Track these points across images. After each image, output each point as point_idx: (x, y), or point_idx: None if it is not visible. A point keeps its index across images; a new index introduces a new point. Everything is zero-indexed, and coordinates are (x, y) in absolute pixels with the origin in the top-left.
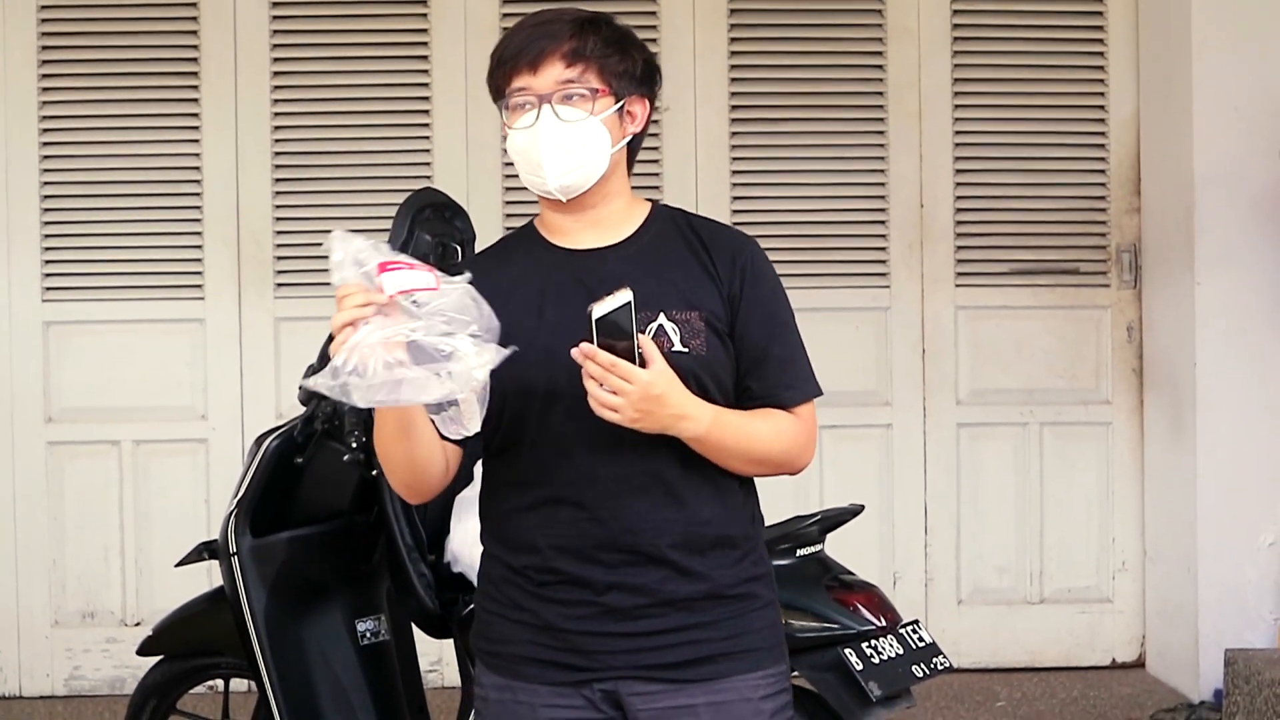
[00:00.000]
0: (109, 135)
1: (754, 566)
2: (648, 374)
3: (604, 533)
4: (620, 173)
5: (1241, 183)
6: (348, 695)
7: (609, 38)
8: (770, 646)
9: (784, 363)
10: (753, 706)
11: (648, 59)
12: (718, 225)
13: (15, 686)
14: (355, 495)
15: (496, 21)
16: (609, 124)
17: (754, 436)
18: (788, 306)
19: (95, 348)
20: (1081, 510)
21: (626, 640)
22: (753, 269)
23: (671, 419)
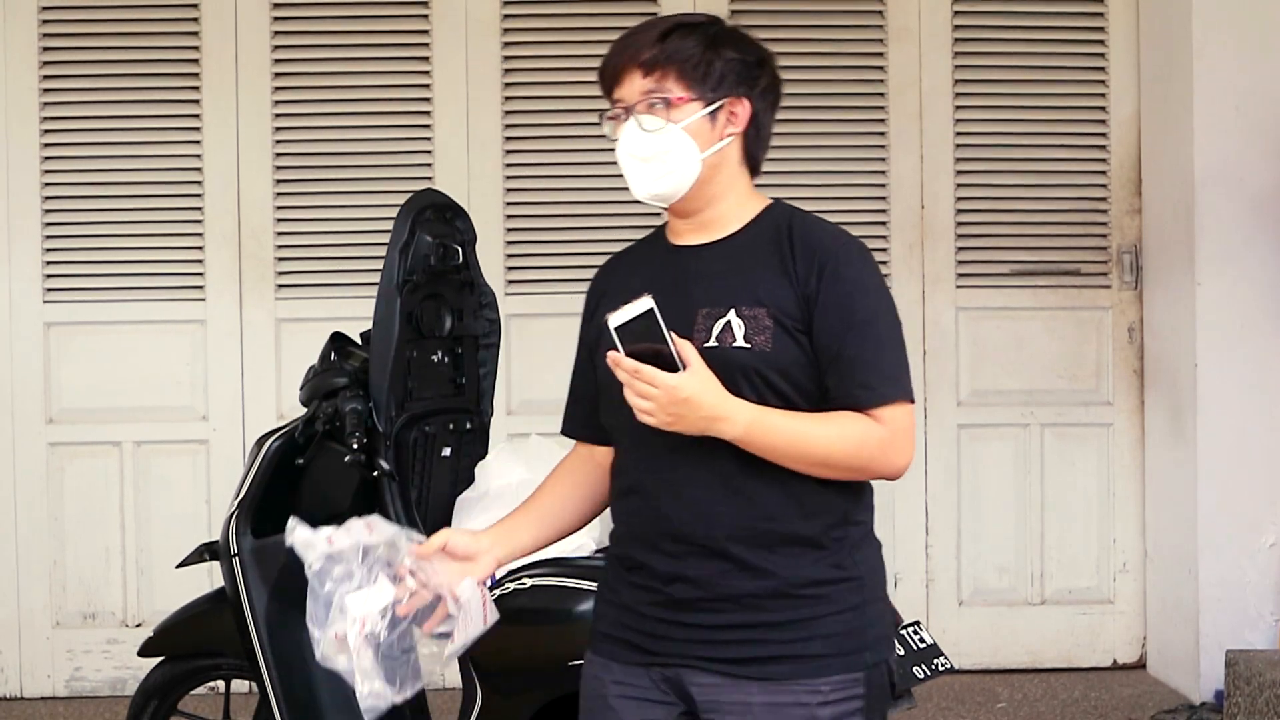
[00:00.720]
0: (110, 136)
1: (836, 570)
2: (673, 378)
3: (667, 523)
4: (723, 175)
5: (1242, 183)
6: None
7: (695, 41)
8: (840, 654)
9: (859, 363)
10: (808, 713)
11: (747, 57)
12: (817, 226)
13: (16, 687)
14: (356, 496)
15: (497, 22)
16: (695, 129)
17: (806, 439)
18: (875, 304)
19: (96, 348)
20: (1082, 511)
21: (689, 630)
22: (832, 269)
23: (706, 421)
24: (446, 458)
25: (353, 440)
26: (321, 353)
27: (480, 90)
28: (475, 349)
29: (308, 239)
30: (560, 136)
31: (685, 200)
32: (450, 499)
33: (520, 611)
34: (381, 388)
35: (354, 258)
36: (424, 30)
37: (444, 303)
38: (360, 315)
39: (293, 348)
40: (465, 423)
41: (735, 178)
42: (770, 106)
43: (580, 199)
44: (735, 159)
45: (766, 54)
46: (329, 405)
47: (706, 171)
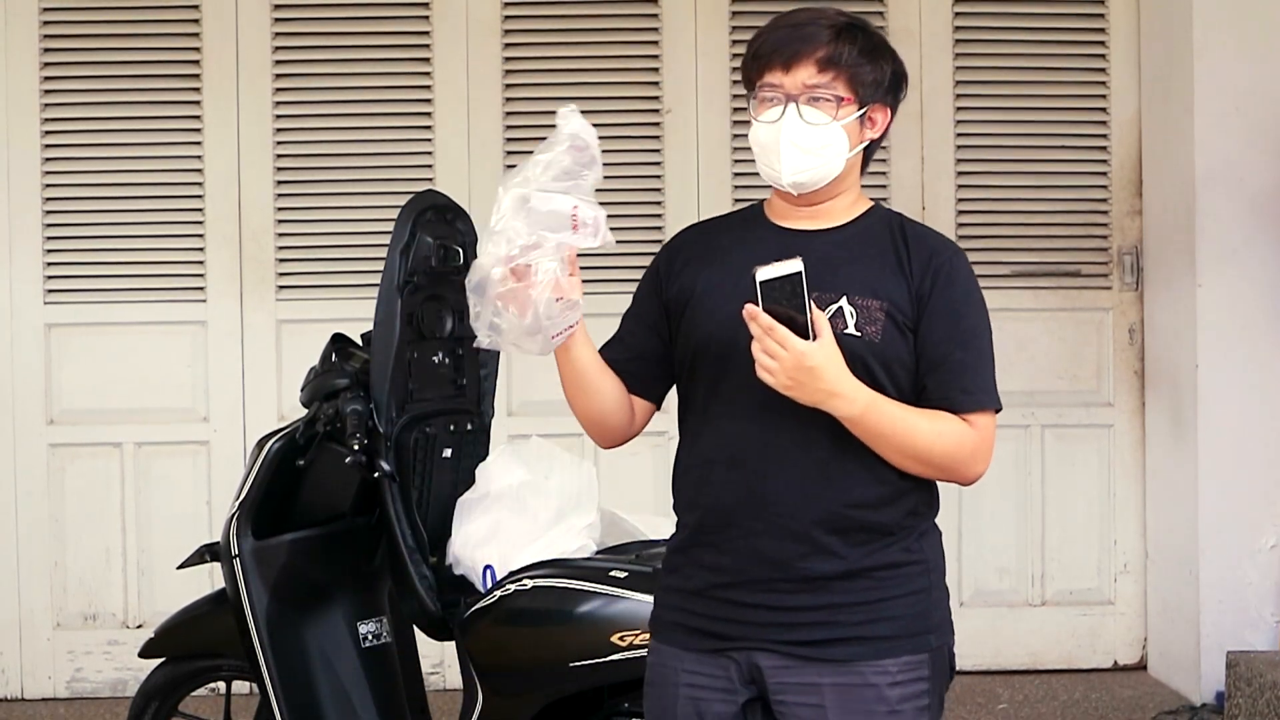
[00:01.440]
0: (111, 137)
1: (905, 553)
2: (805, 345)
3: (750, 497)
4: (853, 175)
5: (1243, 184)
6: (349, 697)
7: (864, 47)
8: (910, 634)
9: (964, 367)
10: (877, 693)
11: (897, 69)
12: (927, 230)
13: (17, 689)
14: (357, 497)
15: (498, 23)
16: (850, 129)
17: (913, 431)
18: (980, 315)
19: (97, 349)
20: (1083, 512)
21: (759, 612)
22: (947, 271)
23: (824, 394)
24: (447, 459)
25: (353, 441)
26: (322, 354)
27: (481, 91)
28: (476, 350)
29: (309, 240)
30: None
31: (819, 192)
32: (451, 500)
33: (521, 612)
34: (382, 389)
35: (355, 259)
36: (425, 31)
37: (445, 304)
38: (361, 316)
39: (293, 349)
40: (466, 424)
41: (856, 178)
42: (901, 96)
43: None
44: (857, 160)
45: (904, 65)
46: (330, 406)
47: (847, 168)
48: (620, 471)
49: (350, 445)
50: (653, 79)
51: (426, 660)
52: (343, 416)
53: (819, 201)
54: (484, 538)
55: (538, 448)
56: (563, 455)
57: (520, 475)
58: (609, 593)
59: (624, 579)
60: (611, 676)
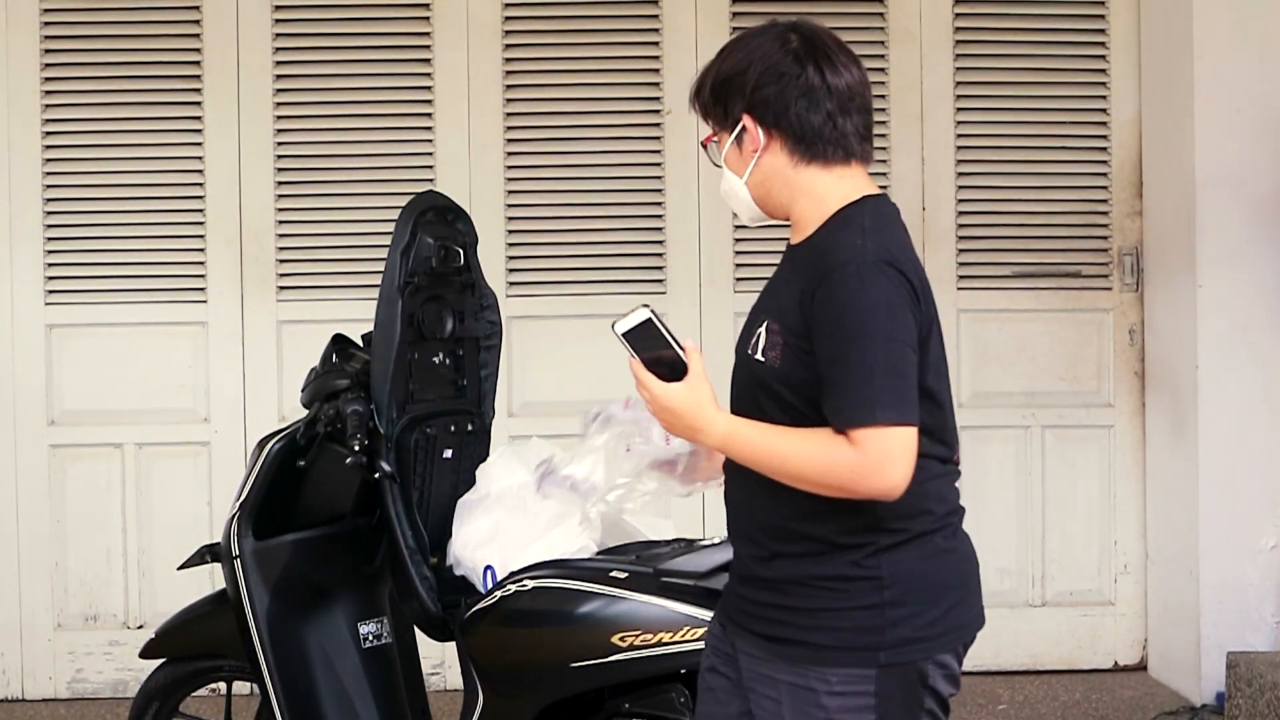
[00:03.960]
0: (111, 138)
1: (854, 568)
2: (659, 388)
3: (729, 503)
4: (778, 184)
5: (1243, 185)
6: (350, 698)
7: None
8: (849, 649)
9: (835, 385)
10: (816, 699)
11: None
12: (836, 241)
13: (18, 689)
14: (358, 498)
15: (499, 24)
16: (731, 160)
17: (777, 454)
18: (856, 326)
19: (97, 350)
20: (1083, 513)
21: (742, 601)
22: (822, 290)
23: (688, 430)
24: (448, 459)
25: (354, 442)
26: (323, 355)
27: (481, 92)
28: (476, 351)
29: (309, 241)
30: (561, 139)
31: (768, 215)
32: (451, 501)
33: (522, 613)
34: (383, 390)
35: (355, 260)
36: (425, 33)
37: (445, 305)
38: (362, 317)
39: (294, 350)
40: (466, 425)
41: (793, 180)
42: (781, 99)
43: (581, 201)
44: (784, 164)
45: (755, 54)
46: (330, 407)
47: (758, 191)
48: None
49: (351, 446)
50: (653, 79)
51: (427, 661)
52: (343, 417)
53: (783, 217)
54: (484, 539)
55: (538, 449)
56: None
57: (520, 476)
58: (609, 593)
59: (624, 579)
60: (612, 677)
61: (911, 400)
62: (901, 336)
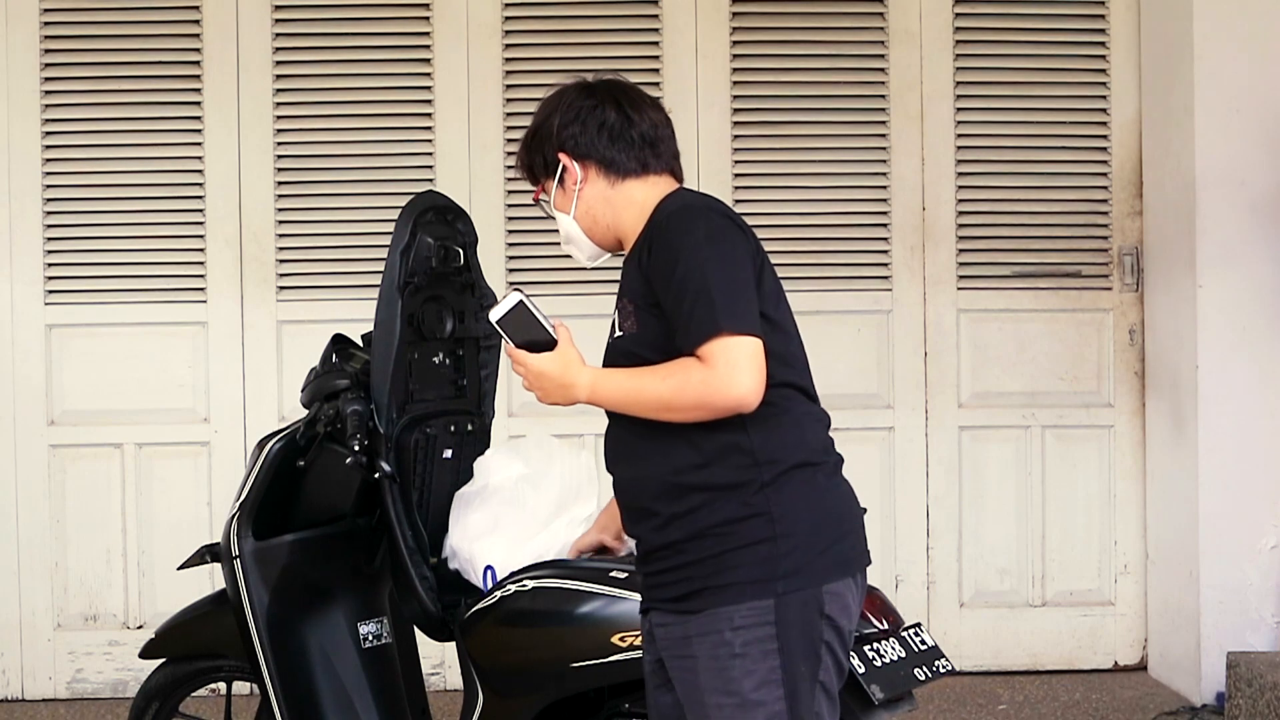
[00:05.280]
0: (111, 137)
1: (744, 507)
2: (531, 358)
3: (616, 488)
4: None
5: (1243, 185)
6: (350, 698)
7: (525, 148)
8: (750, 582)
9: (679, 316)
10: (721, 637)
11: (536, 125)
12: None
13: (18, 689)
14: (357, 498)
15: (498, 24)
16: (559, 202)
17: (642, 387)
18: (687, 263)
19: (97, 350)
20: (1083, 513)
21: (646, 579)
22: (653, 242)
23: (561, 390)
24: (448, 460)
25: (354, 442)
26: (323, 354)
27: (481, 92)
28: (476, 351)
29: (309, 241)
30: None
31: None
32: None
33: (522, 613)
34: (383, 390)
35: (355, 260)
36: (425, 33)
37: (445, 305)
38: (361, 317)
39: (294, 349)
40: (466, 425)
41: (613, 197)
42: (585, 132)
43: None
44: (602, 187)
45: (553, 108)
46: (330, 407)
47: (585, 221)
48: None
49: (351, 446)
50: (653, 79)
51: (427, 661)
52: (343, 417)
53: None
54: (482, 531)
55: (535, 442)
56: (561, 448)
57: (518, 469)
58: (609, 593)
59: (624, 579)
60: (612, 677)
61: (752, 315)
62: (734, 258)
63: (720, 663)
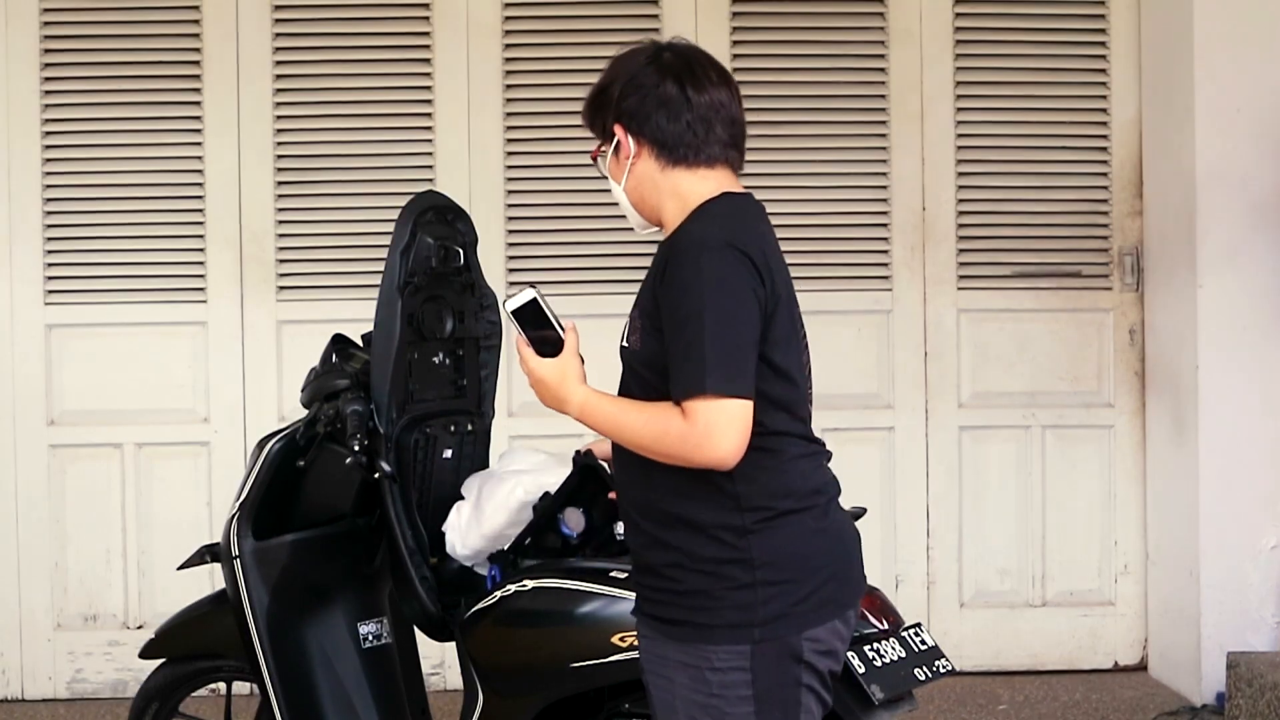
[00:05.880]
0: (111, 138)
1: (726, 549)
2: (532, 363)
3: (619, 496)
4: (648, 189)
5: (1243, 185)
6: (350, 698)
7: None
8: (727, 626)
9: (674, 360)
10: (700, 674)
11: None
12: (682, 229)
13: (18, 689)
14: (357, 498)
15: (499, 24)
16: (611, 170)
17: (624, 425)
18: (692, 306)
19: (97, 350)
20: (1083, 513)
21: (639, 587)
22: (667, 271)
23: (555, 401)
24: (447, 459)
25: (354, 442)
26: (323, 354)
27: (481, 92)
28: (476, 351)
29: (309, 241)
30: (561, 139)
31: (648, 220)
32: (451, 501)
33: (522, 613)
34: (383, 390)
35: (355, 260)
36: (425, 32)
37: (445, 305)
38: (361, 317)
39: (294, 349)
40: (466, 425)
41: (660, 182)
42: (641, 107)
43: (581, 201)
44: (653, 168)
45: (616, 71)
46: (330, 407)
47: (633, 196)
48: None
49: (351, 446)
50: None
51: (427, 661)
52: (343, 417)
53: (660, 224)
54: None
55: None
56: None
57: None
58: (609, 593)
59: (624, 580)
60: (612, 677)
61: (743, 375)
62: (737, 313)
63: (698, 698)
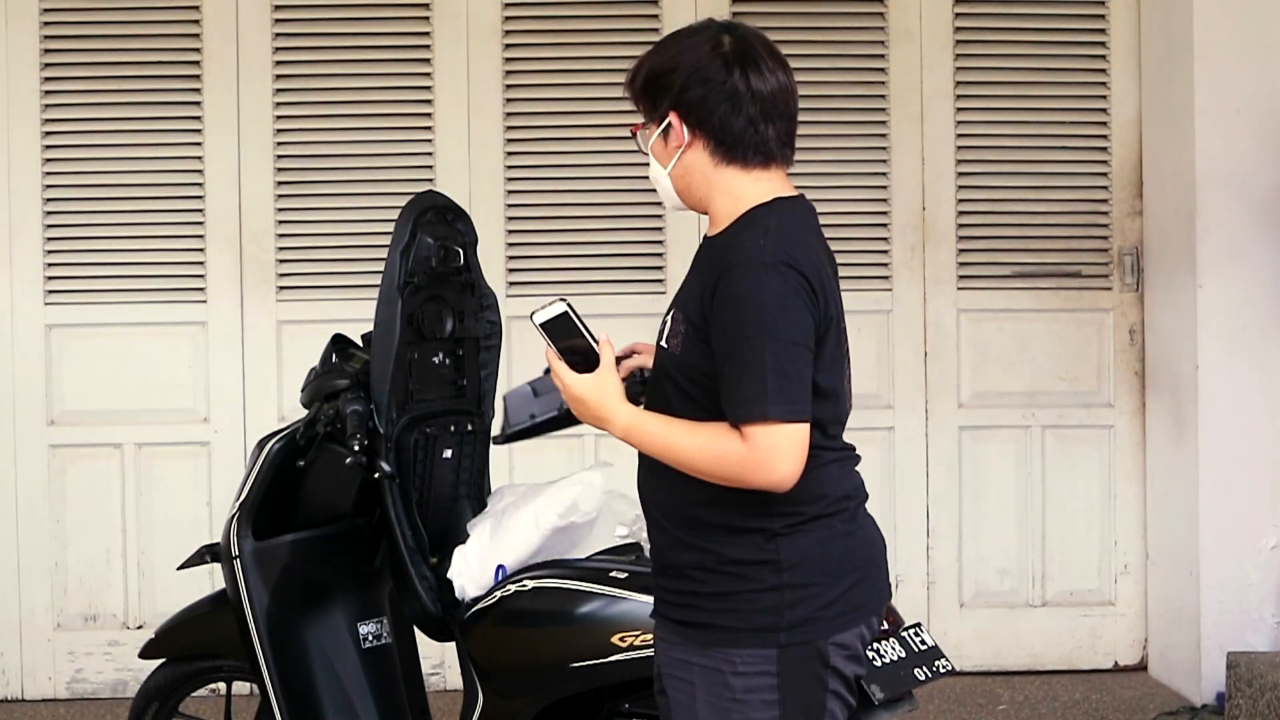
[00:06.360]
0: (111, 138)
1: (755, 551)
2: (569, 378)
3: (641, 494)
4: (697, 179)
5: (1243, 185)
6: (350, 698)
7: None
8: (753, 630)
9: (729, 380)
10: (724, 679)
11: (656, 71)
12: (737, 240)
13: (18, 689)
14: (357, 498)
15: (498, 24)
16: (657, 151)
17: (675, 447)
18: (750, 326)
19: (97, 350)
20: (1083, 513)
21: (660, 590)
22: (722, 287)
23: (594, 419)
24: (448, 459)
25: (354, 442)
26: (323, 355)
27: (481, 92)
28: (476, 351)
29: (309, 241)
30: (561, 138)
31: (689, 206)
32: (451, 500)
33: (522, 613)
34: (382, 390)
35: (355, 260)
36: (425, 32)
37: (445, 305)
38: (361, 317)
39: (294, 350)
40: (466, 425)
41: (712, 178)
42: (705, 102)
43: (581, 200)
44: (704, 162)
45: (682, 56)
46: (330, 407)
47: (679, 183)
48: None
49: (350, 446)
50: None
51: (427, 661)
52: (343, 417)
53: (701, 210)
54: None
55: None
56: None
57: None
58: (609, 593)
59: (624, 580)
60: (612, 677)
61: (802, 398)
62: (795, 336)
63: (720, 702)
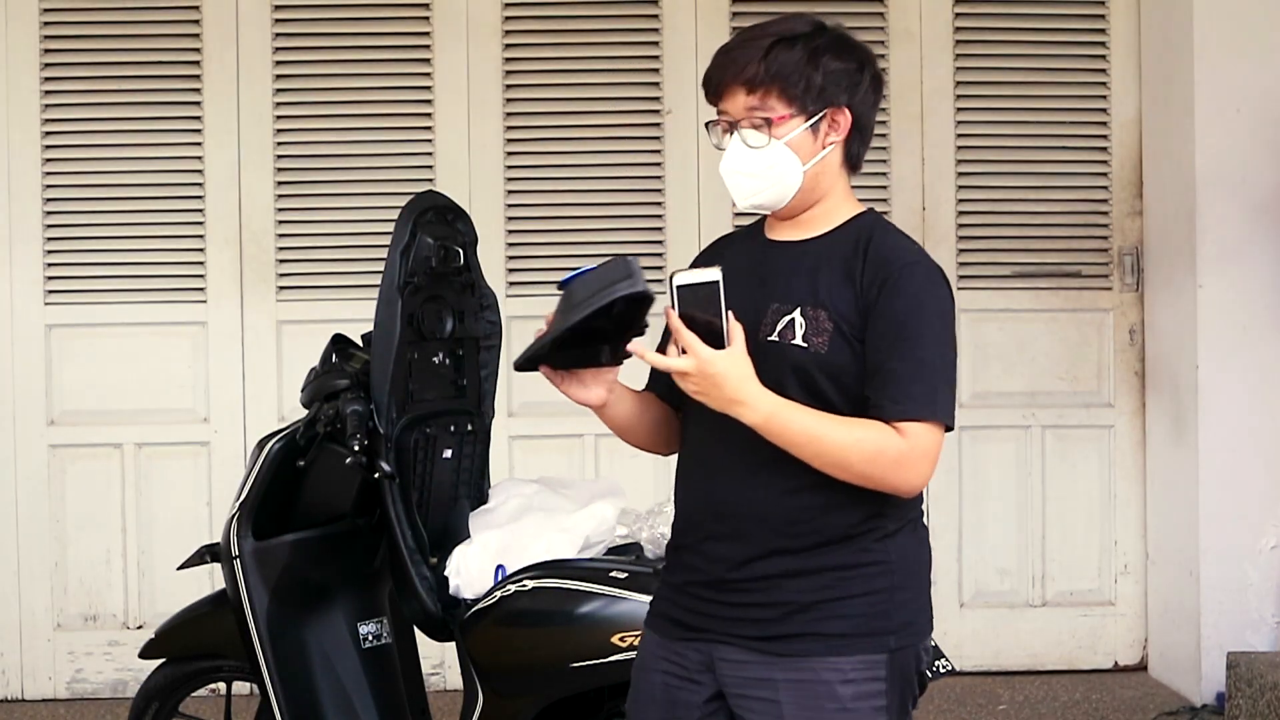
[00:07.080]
0: (111, 138)
1: (862, 554)
2: (708, 352)
3: (710, 498)
4: (824, 180)
5: (1243, 185)
6: (350, 698)
7: (799, 56)
8: (864, 634)
9: (897, 377)
10: (829, 690)
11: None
12: (893, 240)
13: (18, 689)
14: (357, 498)
15: (498, 24)
16: (798, 143)
17: (824, 438)
18: (928, 327)
19: (97, 350)
20: (1083, 513)
21: (724, 608)
22: (894, 282)
23: (727, 401)
24: (447, 459)
25: (354, 442)
26: (323, 354)
27: (481, 92)
28: (476, 351)
29: (309, 241)
30: (561, 138)
31: (791, 206)
32: (451, 500)
33: (522, 613)
34: (382, 390)
35: (355, 260)
36: (425, 32)
37: (445, 305)
38: (361, 317)
39: (294, 350)
40: (466, 425)
41: (835, 180)
42: (872, 107)
43: (581, 200)
44: (836, 163)
45: (867, 57)
46: (330, 407)
47: (808, 181)
48: (621, 471)
49: (350, 446)
50: (653, 79)
51: (427, 661)
52: (343, 417)
53: (794, 214)
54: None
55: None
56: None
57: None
58: (609, 594)
59: (624, 580)
60: (612, 677)
61: (954, 406)
62: (953, 344)
63: (822, 715)
